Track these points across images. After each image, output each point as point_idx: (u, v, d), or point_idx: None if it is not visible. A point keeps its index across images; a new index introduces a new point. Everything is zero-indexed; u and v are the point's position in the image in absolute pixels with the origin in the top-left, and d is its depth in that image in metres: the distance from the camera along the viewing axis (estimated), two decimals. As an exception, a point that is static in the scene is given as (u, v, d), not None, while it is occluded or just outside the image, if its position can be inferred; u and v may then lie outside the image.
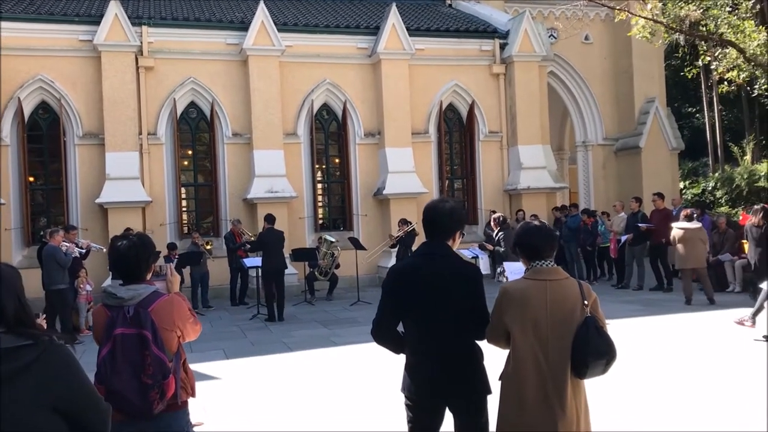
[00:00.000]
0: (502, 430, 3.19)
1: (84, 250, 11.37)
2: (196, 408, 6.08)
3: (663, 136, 20.36)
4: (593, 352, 2.98)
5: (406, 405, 3.40)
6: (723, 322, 9.42)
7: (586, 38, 20.77)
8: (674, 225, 11.70)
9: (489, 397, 3.34)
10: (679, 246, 11.37)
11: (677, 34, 15.11)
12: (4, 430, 1.92)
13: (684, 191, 26.97)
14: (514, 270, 3.73)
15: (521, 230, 3.28)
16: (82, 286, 11.33)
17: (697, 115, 30.16)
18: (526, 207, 16.70)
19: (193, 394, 3.28)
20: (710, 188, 25.16)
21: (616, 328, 9.28)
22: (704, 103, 27.39)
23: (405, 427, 3.42)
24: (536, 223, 3.32)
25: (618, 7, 15.17)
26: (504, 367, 3.23)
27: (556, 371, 3.04)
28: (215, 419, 5.99)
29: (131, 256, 3.20)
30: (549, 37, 19.28)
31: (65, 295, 10.30)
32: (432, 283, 3.25)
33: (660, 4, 14.13)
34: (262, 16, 15.48)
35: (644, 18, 14.04)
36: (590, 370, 3.02)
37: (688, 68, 15.88)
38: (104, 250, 12.80)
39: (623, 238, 13.67)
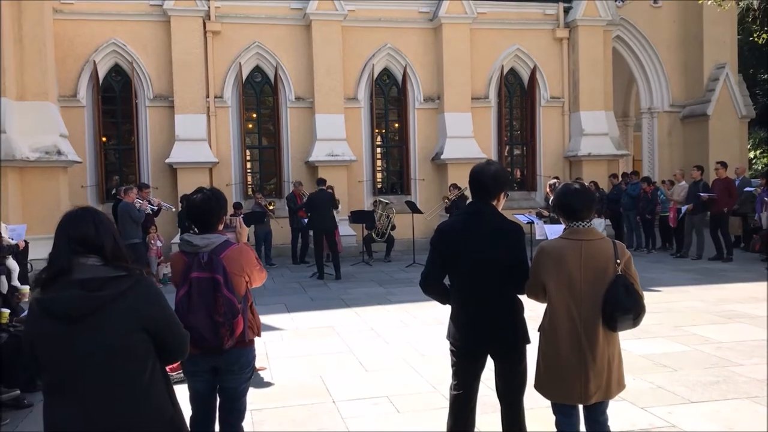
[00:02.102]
0: (540, 377, 3.46)
1: (156, 208, 12.00)
2: (260, 355, 6.55)
3: (732, 104, 19.72)
4: (620, 307, 3.21)
5: (451, 351, 3.70)
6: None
7: (655, 1, 20.15)
8: None
9: (528, 347, 3.60)
10: None
11: (749, -3, 14.60)
12: (107, 343, 2.30)
13: (754, 161, 26.14)
14: (554, 231, 3.94)
15: (561, 191, 3.48)
16: (153, 241, 11.99)
17: (773, 81, 28.93)
18: (587, 174, 16.61)
19: (258, 334, 3.65)
20: (782, 158, 24.34)
21: (671, 296, 9.38)
22: (780, 69, 26.27)
23: (449, 371, 3.72)
24: (576, 185, 3.51)
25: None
26: (542, 320, 3.48)
27: (589, 324, 3.27)
28: (277, 365, 6.44)
29: (205, 208, 3.55)
30: (616, 1, 18.84)
31: (139, 248, 10.95)
32: (476, 239, 3.51)
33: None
34: (325, -20, 15.68)
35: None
36: (619, 323, 3.24)
37: (758, 33, 15.31)
38: (173, 209, 13.47)
39: (683, 209, 13.51)
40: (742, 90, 20.32)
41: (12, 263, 7.66)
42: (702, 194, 13.11)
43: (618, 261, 3.27)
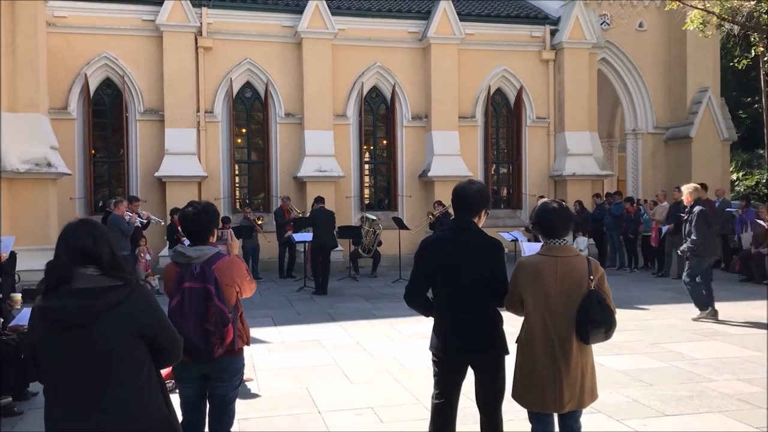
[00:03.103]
0: (516, 386, 3.62)
1: (145, 221, 12.09)
2: (247, 367, 6.64)
3: (715, 126, 20.09)
4: (592, 321, 3.39)
5: (433, 361, 3.85)
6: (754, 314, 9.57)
7: (640, 25, 20.56)
8: None
9: (507, 358, 3.76)
10: None
11: (731, 24, 14.97)
12: (105, 349, 2.44)
13: (737, 183, 26.53)
14: (532, 248, 4.12)
15: (540, 209, 3.66)
16: (142, 254, 12.08)
17: (755, 105, 29.45)
18: (572, 193, 16.90)
19: (247, 343, 3.78)
20: (765, 180, 24.73)
21: (650, 314, 9.59)
22: (762, 93, 26.76)
23: (431, 380, 3.88)
24: (555, 204, 3.68)
25: (670, -4, 15.07)
26: (519, 332, 3.65)
27: (563, 337, 3.44)
28: (263, 376, 6.56)
29: (198, 221, 3.70)
30: (602, 24, 19.22)
31: (127, 261, 11.01)
32: (458, 254, 3.68)
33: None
34: (316, -1, 15.95)
35: (696, 8, 13.97)
36: (592, 336, 3.42)
37: (738, 59, 15.70)
38: (162, 223, 13.55)
39: (664, 228, 13.76)
40: (724, 113, 20.71)
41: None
42: (682, 214, 13.34)
43: (591, 277, 3.45)
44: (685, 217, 9.53)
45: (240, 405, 5.30)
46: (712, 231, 9.40)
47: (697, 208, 9.25)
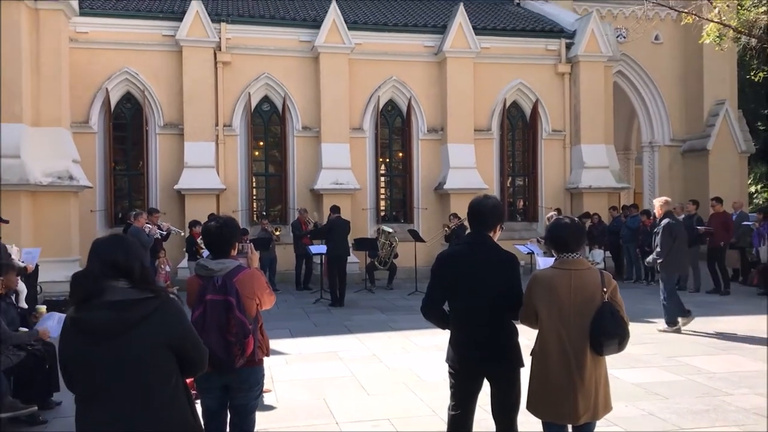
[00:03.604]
0: (531, 398, 3.68)
1: (165, 233, 12.25)
2: (265, 378, 6.74)
3: (732, 139, 20.06)
4: (606, 333, 3.45)
5: (450, 373, 3.92)
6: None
7: (656, 38, 20.61)
8: None
9: (522, 370, 3.82)
10: None
11: (747, 37, 14.95)
12: (135, 359, 2.53)
13: (755, 195, 26.38)
14: (547, 262, 4.20)
15: (553, 225, 3.74)
16: (162, 266, 12.23)
17: (774, 117, 29.25)
18: (588, 206, 16.87)
19: (267, 354, 3.88)
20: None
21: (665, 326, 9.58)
22: (780, 105, 26.62)
23: (448, 392, 3.94)
24: (567, 220, 3.76)
25: (686, 10, 15.10)
26: (534, 344, 3.71)
27: (577, 348, 3.50)
28: (281, 388, 6.64)
29: (219, 234, 3.81)
30: (618, 36, 19.28)
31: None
32: (474, 268, 3.76)
33: (727, 7, 14.03)
34: (333, 14, 16.13)
35: (712, 21, 13.97)
36: (605, 348, 3.48)
37: (755, 71, 15.64)
38: (182, 233, 13.72)
39: (676, 242, 13.71)
40: (741, 125, 20.65)
41: (20, 285, 7.90)
42: (699, 227, 13.33)
43: (605, 289, 3.52)
44: (654, 230, 9.62)
45: (258, 416, 5.37)
46: (678, 245, 9.37)
47: (664, 221, 9.33)
